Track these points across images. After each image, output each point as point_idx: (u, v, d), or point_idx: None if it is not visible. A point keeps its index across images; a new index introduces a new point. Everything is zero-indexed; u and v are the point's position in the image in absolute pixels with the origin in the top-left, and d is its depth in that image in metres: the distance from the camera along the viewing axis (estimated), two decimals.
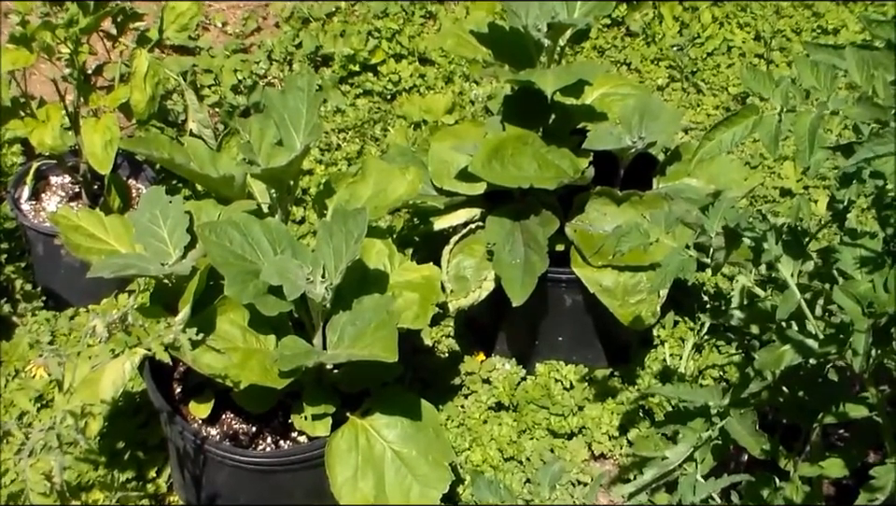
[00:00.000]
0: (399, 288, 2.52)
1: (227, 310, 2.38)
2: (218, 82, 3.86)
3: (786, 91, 1.66)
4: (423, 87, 3.95)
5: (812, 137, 1.62)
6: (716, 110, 3.92)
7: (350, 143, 3.74)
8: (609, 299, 2.73)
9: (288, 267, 2.32)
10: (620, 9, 4.20)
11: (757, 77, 1.70)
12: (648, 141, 2.82)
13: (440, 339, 3.07)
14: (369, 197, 2.67)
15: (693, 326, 3.07)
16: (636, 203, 2.80)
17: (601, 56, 4.14)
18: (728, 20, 4.22)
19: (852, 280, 1.85)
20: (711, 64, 4.09)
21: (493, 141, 2.80)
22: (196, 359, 2.26)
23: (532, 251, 2.73)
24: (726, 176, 2.93)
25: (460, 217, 2.88)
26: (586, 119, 2.92)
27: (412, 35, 4.08)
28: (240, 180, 2.61)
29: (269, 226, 2.42)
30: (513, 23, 2.79)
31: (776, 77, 1.80)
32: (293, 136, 2.61)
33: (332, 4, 4.22)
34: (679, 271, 2.11)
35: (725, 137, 1.80)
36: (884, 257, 1.86)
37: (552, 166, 2.78)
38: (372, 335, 2.31)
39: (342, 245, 2.34)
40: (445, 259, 2.84)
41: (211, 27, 4.17)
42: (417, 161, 2.94)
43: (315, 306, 2.37)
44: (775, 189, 3.59)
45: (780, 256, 1.92)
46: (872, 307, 1.79)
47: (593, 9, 2.84)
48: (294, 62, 4.00)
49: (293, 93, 2.63)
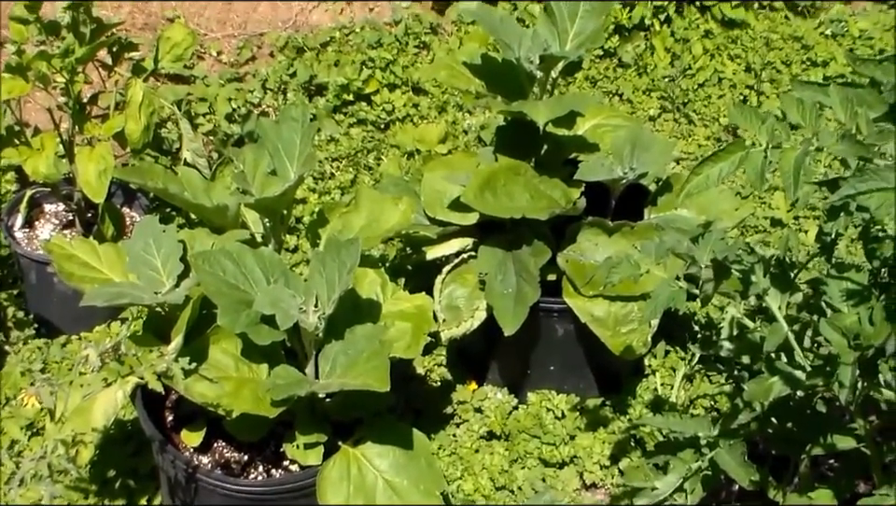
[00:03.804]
0: (392, 317, 2.53)
1: (220, 339, 2.39)
2: (213, 111, 3.89)
3: (772, 128, 1.69)
4: (416, 116, 3.98)
5: (797, 173, 1.65)
6: (707, 140, 3.96)
7: (344, 172, 3.76)
8: (601, 328, 2.75)
9: (281, 297, 2.33)
10: (612, 41, 4.24)
11: (744, 113, 1.73)
12: (639, 172, 2.85)
13: (432, 368, 3.08)
14: (362, 227, 2.69)
15: (684, 355, 3.09)
16: (627, 233, 2.82)
17: (593, 87, 4.18)
18: (719, 51, 4.27)
19: (839, 313, 1.87)
20: (702, 95, 4.13)
21: (485, 171, 2.82)
22: (188, 388, 2.27)
23: (524, 281, 2.75)
24: (717, 207, 2.96)
25: (453, 247, 2.90)
26: (578, 150, 2.95)
27: (405, 65, 4.12)
28: (233, 210, 2.62)
29: (262, 255, 2.43)
30: (506, 55, 2.83)
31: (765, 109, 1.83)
32: (287, 166, 2.63)
33: (327, 33, 4.26)
34: (669, 302, 2.13)
35: (712, 172, 1.83)
36: (870, 290, 1.88)
37: (543, 197, 2.81)
38: (364, 365, 2.32)
39: (334, 275, 2.36)
40: (438, 288, 2.85)
41: (206, 56, 4.21)
42: (410, 190, 2.97)
43: (308, 336, 2.38)
44: (765, 220, 3.62)
45: (768, 289, 1.95)
46: (858, 340, 1.81)
47: (585, 42, 2.88)
48: (288, 91, 4.03)
49: (287, 124, 2.65)
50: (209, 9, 4.41)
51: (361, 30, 4.26)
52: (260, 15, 4.44)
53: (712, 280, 1.99)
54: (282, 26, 4.38)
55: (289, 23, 4.40)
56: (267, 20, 4.41)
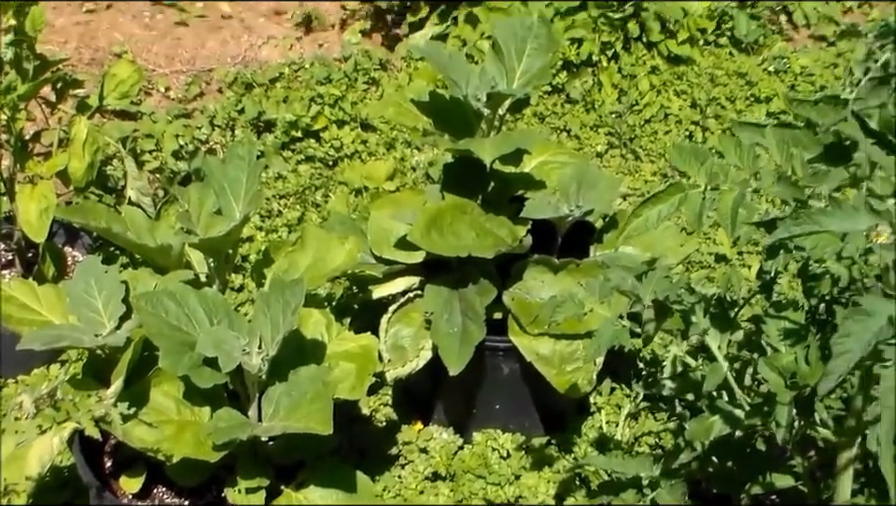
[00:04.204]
0: (337, 358, 2.52)
1: (161, 382, 2.36)
2: (160, 148, 3.86)
3: (710, 170, 1.71)
4: (365, 153, 3.99)
5: (734, 215, 1.68)
6: (654, 176, 4.00)
7: (291, 209, 3.75)
8: (546, 367, 2.75)
9: (224, 338, 2.31)
10: (560, 77, 4.28)
11: (683, 154, 1.75)
12: (585, 209, 2.87)
13: (377, 408, 3.06)
14: (307, 266, 2.68)
15: (629, 393, 3.10)
16: (572, 271, 2.83)
17: (541, 123, 4.21)
18: (665, 87, 4.32)
19: (777, 352, 1.89)
20: (649, 131, 4.18)
21: (432, 210, 2.83)
22: (127, 433, 2.24)
23: (470, 320, 2.75)
24: (662, 244, 2.98)
25: (399, 286, 2.89)
26: (525, 188, 2.96)
27: (354, 102, 4.13)
28: (177, 249, 2.60)
29: (205, 296, 2.41)
30: (453, 93, 2.84)
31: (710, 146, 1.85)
32: (232, 205, 2.62)
33: (276, 69, 4.26)
34: (613, 340, 2.14)
35: (651, 214, 1.85)
36: (807, 329, 1.91)
37: (490, 235, 2.81)
38: (308, 407, 2.30)
39: (279, 315, 2.34)
40: (383, 327, 2.84)
41: (154, 92, 4.19)
42: (357, 229, 2.96)
43: (251, 377, 2.36)
44: (710, 255, 3.66)
45: (708, 329, 1.96)
46: (795, 379, 1.83)
47: (532, 80, 2.90)
48: (236, 127, 4.02)
49: (234, 162, 2.64)
50: (157, 45, 4.41)
51: (310, 66, 4.27)
52: (209, 51, 4.44)
53: (654, 320, 2.01)
54: (231, 62, 4.38)
55: (238, 59, 4.41)
56: (216, 55, 4.41)
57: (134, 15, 4.49)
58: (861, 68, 1.84)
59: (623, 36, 4.34)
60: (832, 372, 1.56)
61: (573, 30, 4.29)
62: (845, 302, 1.94)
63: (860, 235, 1.67)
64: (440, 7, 4.45)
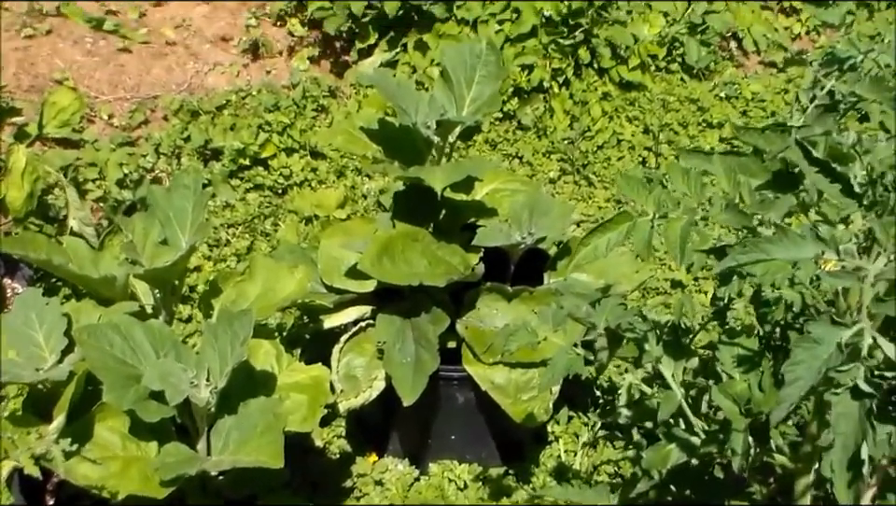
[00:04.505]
0: (287, 389, 2.51)
1: (106, 417, 2.34)
2: (103, 176, 3.84)
3: (658, 198, 1.74)
4: (314, 181, 3.99)
5: (683, 243, 1.71)
6: (607, 203, 4.05)
7: (240, 238, 3.74)
8: (502, 396, 2.76)
9: (171, 371, 2.30)
10: (511, 103, 4.33)
11: (630, 183, 1.78)
12: (538, 236, 2.90)
13: (330, 440, 3.06)
14: (257, 296, 2.67)
15: (587, 421, 3.12)
16: (526, 298, 2.86)
17: (493, 149, 4.25)
18: (617, 113, 4.38)
19: (731, 379, 1.92)
20: (602, 157, 4.23)
21: (382, 238, 2.84)
22: (70, 471, 2.21)
23: (423, 349, 2.76)
24: (616, 270, 3.01)
25: (350, 316, 2.90)
26: (476, 216, 2.99)
27: (303, 129, 4.14)
28: (122, 281, 2.59)
29: (151, 328, 2.40)
30: (403, 121, 2.86)
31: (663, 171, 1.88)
32: (179, 235, 2.61)
33: (223, 96, 4.26)
34: (567, 369, 2.15)
35: (600, 243, 1.87)
36: (761, 355, 1.93)
37: (442, 263, 2.83)
38: (258, 440, 2.29)
39: (227, 347, 2.33)
40: (335, 357, 2.84)
41: (97, 119, 4.17)
42: (307, 258, 2.96)
43: (200, 411, 2.35)
44: (666, 281, 3.70)
45: (661, 357, 1.99)
46: (749, 406, 1.85)
47: (482, 107, 2.93)
48: (182, 155, 4.01)
49: (179, 191, 2.64)
50: (100, 71, 4.38)
51: (258, 93, 4.28)
52: (154, 77, 4.42)
53: (607, 348, 2.03)
54: (176, 89, 4.37)
55: (184, 86, 4.39)
56: (161, 82, 4.40)
57: (76, 41, 4.47)
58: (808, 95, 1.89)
59: (573, 63, 4.40)
60: (784, 400, 1.58)
61: (523, 56, 4.34)
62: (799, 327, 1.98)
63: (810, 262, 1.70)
64: (389, 34, 4.49)
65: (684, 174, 1.76)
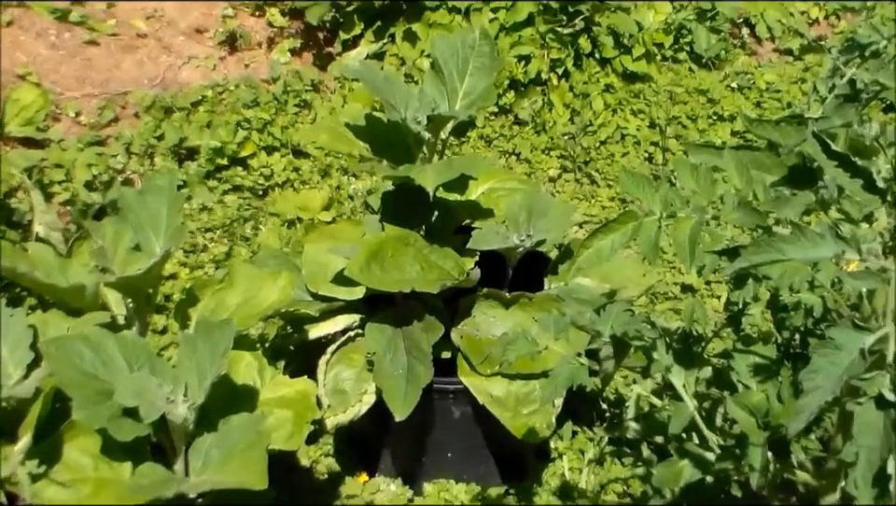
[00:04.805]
0: (271, 404, 2.52)
1: (76, 436, 2.33)
2: (70, 178, 3.83)
3: (665, 196, 1.74)
4: (297, 181, 4.00)
5: (693, 245, 1.71)
6: (611, 202, 4.06)
7: (218, 243, 3.74)
8: (501, 410, 2.76)
9: (146, 386, 2.29)
10: (507, 97, 4.34)
11: (635, 181, 1.78)
12: (536, 239, 2.90)
13: (318, 458, 3.05)
14: (237, 305, 2.67)
15: (592, 436, 3.12)
16: (525, 305, 2.86)
17: (488, 146, 4.26)
18: (621, 106, 4.39)
19: (747, 390, 1.92)
20: (605, 153, 4.24)
21: (371, 242, 2.84)
22: (37, 495, 2.21)
23: (416, 360, 2.76)
24: (621, 274, 3.02)
25: (338, 325, 2.90)
26: (471, 217, 2.99)
27: (285, 126, 4.14)
28: (92, 290, 2.59)
29: (124, 340, 2.39)
30: (391, 116, 2.86)
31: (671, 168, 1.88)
32: (152, 241, 2.61)
33: (198, 92, 4.25)
34: (571, 380, 2.15)
35: (604, 245, 1.87)
36: (779, 364, 1.93)
37: (435, 268, 2.83)
38: (240, 459, 2.29)
39: (206, 360, 2.33)
40: (322, 370, 2.84)
41: (63, 117, 4.16)
42: (290, 264, 2.96)
43: (177, 428, 2.34)
44: (675, 285, 3.71)
45: (671, 366, 1.99)
46: (767, 418, 1.85)
47: (476, 101, 2.93)
48: (156, 155, 4.01)
49: (152, 194, 2.64)
50: (66, 66, 4.37)
51: (236, 88, 4.28)
52: (124, 72, 4.42)
53: (612, 357, 2.03)
54: (148, 84, 4.37)
55: (156, 81, 4.39)
56: (132, 77, 4.39)
57: (39, 33, 4.46)
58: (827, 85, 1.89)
59: (573, 53, 4.40)
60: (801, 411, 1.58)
61: (520, 46, 4.35)
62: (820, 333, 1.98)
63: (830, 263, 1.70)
64: (375, 24, 4.49)
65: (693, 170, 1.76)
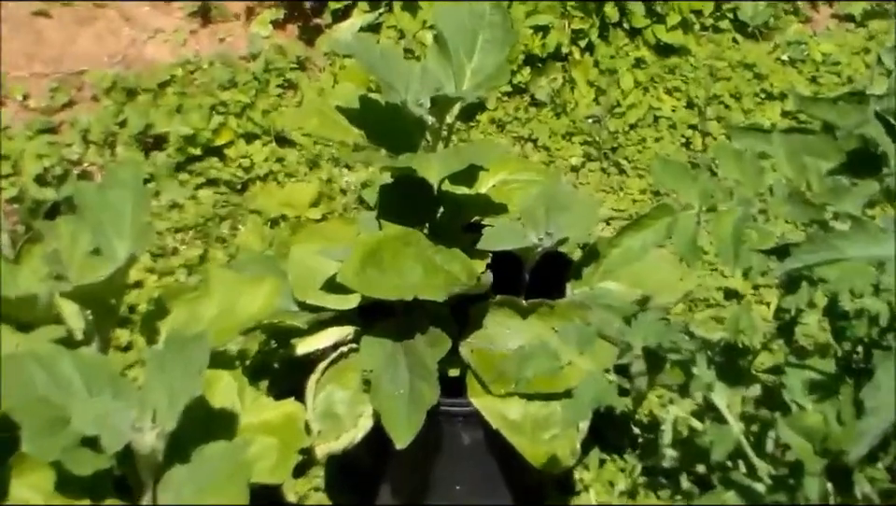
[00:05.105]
0: (253, 430, 2.52)
1: (25, 471, 2.34)
2: (18, 171, 3.85)
3: (705, 187, 1.74)
4: (282, 174, 4.01)
5: (737, 243, 1.71)
6: (643, 194, 4.06)
7: (190, 246, 3.76)
8: (517, 435, 2.76)
9: (108, 411, 2.30)
10: (522, 74, 4.35)
11: (670, 170, 1.78)
12: (557, 238, 2.90)
13: (306, 493, 3.07)
14: (213, 317, 2.68)
15: (623, 466, 3.12)
16: (544, 314, 2.86)
17: (501, 131, 4.27)
18: (654, 84, 4.40)
19: (801, 410, 1.92)
20: (635, 139, 4.25)
21: (367, 242, 2.84)
22: None
23: (419, 379, 2.76)
24: (655, 278, 3.02)
25: (329, 338, 2.90)
26: (481, 213, 3.00)
27: (266, 110, 4.16)
28: (45, 300, 2.59)
29: (82, 359, 2.40)
30: (389, 98, 2.86)
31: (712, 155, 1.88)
32: (114, 243, 2.62)
33: (166, 71, 4.27)
34: (597, 400, 2.16)
35: (634, 243, 1.88)
36: (839, 380, 1.93)
37: (440, 272, 2.84)
38: (217, 495, 2.30)
39: (177, 380, 2.34)
40: (311, 391, 2.85)
41: (8, 101, 4.19)
42: (274, 269, 2.97)
43: (144, 460, 2.35)
44: (718, 291, 3.71)
45: (713, 383, 1.99)
46: (826, 443, 1.85)
47: (486, 80, 2.94)
48: (118, 144, 4.03)
49: (114, 189, 2.65)
50: (12, 41, 4.39)
51: (210, 66, 4.30)
52: (80, 48, 4.44)
53: (645, 373, 2.03)
54: (108, 62, 4.39)
55: (117, 59, 4.41)
56: (89, 54, 4.42)
57: None
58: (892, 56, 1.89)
59: (599, 23, 4.42)
60: (863, 434, 1.59)
61: (537, 16, 4.36)
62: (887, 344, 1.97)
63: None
64: None
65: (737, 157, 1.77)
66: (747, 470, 2.12)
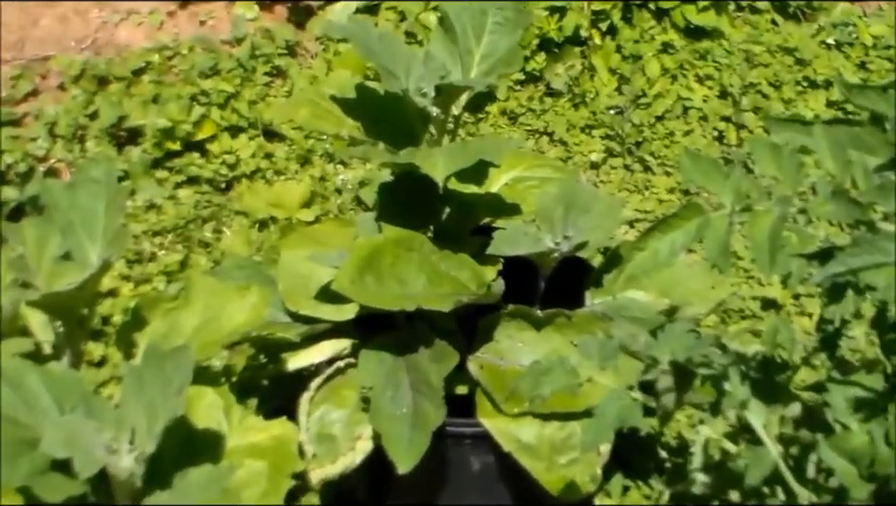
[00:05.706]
0: (240, 454, 2.54)
1: None
2: None
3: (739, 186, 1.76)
4: (270, 171, 4.02)
5: (774, 247, 1.72)
6: (670, 194, 4.08)
7: (170, 251, 3.77)
8: (531, 459, 2.78)
9: (80, 432, 2.32)
10: (537, 60, 4.36)
11: (701, 166, 1.80)
12: (576, 242, 2.92)
13: None
14: (195, 329, 2.70)
15: (649, 492, 3.14)
16: (562, 326, 2.88)
17: (513, 124, 4.28)
18: (683, 71, 4.41)
19: (846, 431, 1.94)
20: (662, 132, 4.26)
21: (365, 247, 2.86)
22: None
23: (423, 397, 2.78)
24: (684, 286, 3.04)
25: (323, 353, 2.92)
26: (492, 214, 3.02)
27: (252, 101, 4.17)
28: (10, 310, 2.61)
29: (52, 375, 2.42)
30: (389, 87, 2.88)
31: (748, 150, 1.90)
32: (86, 247, 2.64)
33: (141, 57, 4.28)
34: (621, 420, 2.18)
35: (662, 246, 1.88)
36: (887, 398, 1.95)
37: (446, 279, 2.85)
38: None
39: (157, 398, 2.35)
40: (304, 410, 2.87)
41: None
42: (262, 276, 2.99)
43: (121, 485, 2.37)
44: (754, 301, 3.73)
45: (748, 400, 2.01)
46: (873, 467, 1.87)
47: (496, 65, 2.95)
48: (88, 139, 4.04)
49: (85, 188, 2.66)
50: None
51: (190, 51, 4.31)
52: (44, 31, 4.45)
53: (673, 390, 2.06)
54: (76, 46, 4.40)
55: (87, 43, 4.42)
56: (54, 37, 4.43)
57: None
58: None
59: (621, 3, 4.42)
60: None
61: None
62: None
63: None
64: None
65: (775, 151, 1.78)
66: (785, 496, 2.13)
